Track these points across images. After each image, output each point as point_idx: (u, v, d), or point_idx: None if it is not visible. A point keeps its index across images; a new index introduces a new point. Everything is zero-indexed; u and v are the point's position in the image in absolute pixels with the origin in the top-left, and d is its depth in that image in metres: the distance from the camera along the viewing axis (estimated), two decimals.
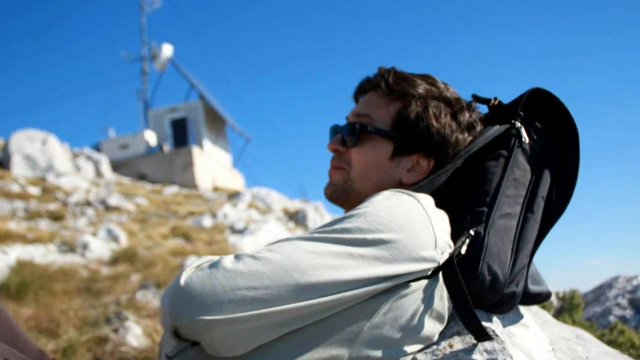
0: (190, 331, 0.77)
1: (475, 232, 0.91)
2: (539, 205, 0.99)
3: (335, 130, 1.10)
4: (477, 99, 1.09)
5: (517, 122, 1.02)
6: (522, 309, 1.07)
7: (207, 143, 21.09)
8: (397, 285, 0.80)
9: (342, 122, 1.09)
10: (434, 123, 1.00)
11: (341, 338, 0.78)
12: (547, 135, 1.05)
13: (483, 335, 0.83)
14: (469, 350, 0.83)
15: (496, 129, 1.02)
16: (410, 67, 1.06)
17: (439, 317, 0.86)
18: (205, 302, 0.73)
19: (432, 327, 0.84)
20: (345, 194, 1.03)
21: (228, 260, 0.77)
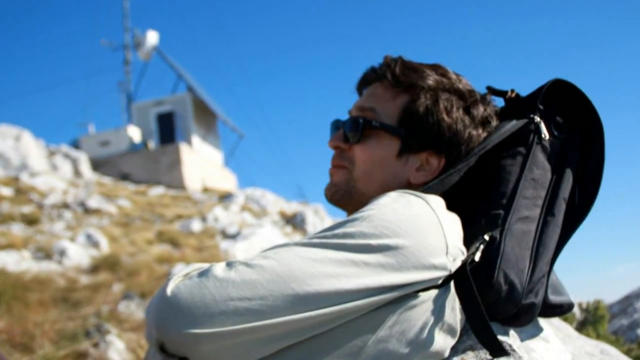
0: (178, 346, 0.77)
1: (490, 237, 0.91)
2: (560, 208, 0.99)
3: (336, 125, 1.10)
4: (492, 91, 1.09)
5: (536, 117, 1.02)
6: (542, 321, 1.07)
7: (196, 139, 21.10)
8: (405, 295, 0.80)
9: (345, 116, 1.09)
10: (445, 117, 1.00)
11: (343, 353, 0.78)
12: (569, 131, 1.05)
13: (499, 350, 0.83)
14: None
15: (513, 124, 1.02)
16: (419, 56, 1.07)
17: (450, 331, 0.86)
18: (194, 314, 0.73)
19: (442, 341, 0.85)
20: (348, 196, 1.03)
21: (219, 268, 0.77)
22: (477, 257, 0.87)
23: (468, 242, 0.91)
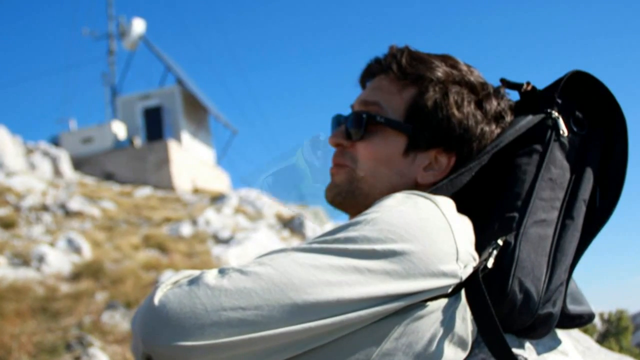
0: (167, 359, 0.77)
1: (504, 241, 0.91)
2: (580, 210, 0.99)
3: (338, 121, 1.10)
4: (507, 84, 1.09)
5: (553, 112, 1.02)
6: (560, 333, 1.07)
7: (185, 136, 21.11)
8: (412, 304, 0.81)
9: (347, 111, 1.09)
10: (456, 112, 1.00)
11: None
12: (589, 127, 1.05)
13: None
14: None
15: (529, 120, 1.02)
16: (427, 46, 1.07)
17: (461, 343, 0.86)
18: (183, 325, 0.73)
19: (452, 355, 0.85)
20: (350, 197, 1.04)
21: (211, 276, 0.77)
22: (489, 264, 0.87)
23: (480, 247, 0.91)
